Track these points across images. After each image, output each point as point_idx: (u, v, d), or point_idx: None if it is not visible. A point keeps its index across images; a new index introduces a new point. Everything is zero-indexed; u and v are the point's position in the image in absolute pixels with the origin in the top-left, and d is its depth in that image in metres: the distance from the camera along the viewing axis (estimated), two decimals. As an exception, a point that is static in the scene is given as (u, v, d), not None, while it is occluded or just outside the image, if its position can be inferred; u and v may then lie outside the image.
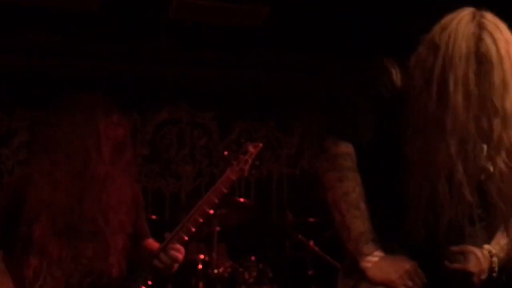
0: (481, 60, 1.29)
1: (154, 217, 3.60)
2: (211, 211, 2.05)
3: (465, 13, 1.36)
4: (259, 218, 3.90)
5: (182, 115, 4.92)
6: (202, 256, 3.45)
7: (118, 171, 1.94)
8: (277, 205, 4.90)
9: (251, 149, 2.23)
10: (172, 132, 4.89)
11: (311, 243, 3.75)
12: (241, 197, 4.68)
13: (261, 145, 2.30)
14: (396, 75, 1.43)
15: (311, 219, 3.90)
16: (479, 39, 1.30)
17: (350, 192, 1.38)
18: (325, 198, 1.42)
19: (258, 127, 5.05)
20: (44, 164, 1.90)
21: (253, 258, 3.51)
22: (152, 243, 2.11)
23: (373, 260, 1.33)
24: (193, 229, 2.00)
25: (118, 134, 1.97)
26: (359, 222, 1.35)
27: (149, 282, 1.95)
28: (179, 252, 1.97)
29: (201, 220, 2.02)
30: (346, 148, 1.42)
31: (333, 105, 1.56)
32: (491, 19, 1.35)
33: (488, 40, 1.30)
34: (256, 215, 3.83)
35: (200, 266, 3.40)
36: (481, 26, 1.32)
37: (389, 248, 1.38)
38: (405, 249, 1.39)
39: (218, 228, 3.48)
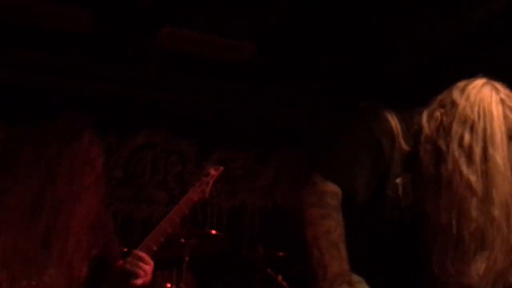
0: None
1: (125, 250, 3.55)
2: (172, 231, 2.08)
3: (488, 89, 1.43)
4: (230, 249, 3.87)
5: (158, 140, 4.89)
6: (169, 285, 3.40)
7: (84, 193, 1.94)
8: (248, 237, 4.88)
9: (212, 171, 2.31)
10: (147, 157, 4.85)
11: (280, 278, 3.73)
12: (212, 227, 4.66)
13: (222, 168, 2.38)
14: (396, 129, 1.46)
15: (281, 254, 3.89)
16: (507, 121, 1.40)
17: (332, 231, 1.38)
18: (304, 233, 1.41)
19: (235, 157, 5.06)
20: (4, 183, 1.88)
21: (221, 290, 3.47)
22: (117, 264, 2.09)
23: None
24: (155, 248, 2.01)
25: (90, 157, 1.97)
26: (337, 262, 1.35)
27: None
28: (147, 264, 1.96)
29: (163, 240, 2.04)
30: (334, 187, 1.43)
31: (319, 141, 1.58)
32: (507, 94, 1.45)
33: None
34: (227, 246, 3.80)
35: (167, 296, 3.34)
36: (503, 103, 1.42)
37: None
38: None
39: (187, 258, 3.44)
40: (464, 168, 1.36)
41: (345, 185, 1.44)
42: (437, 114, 1.43)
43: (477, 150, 1.36)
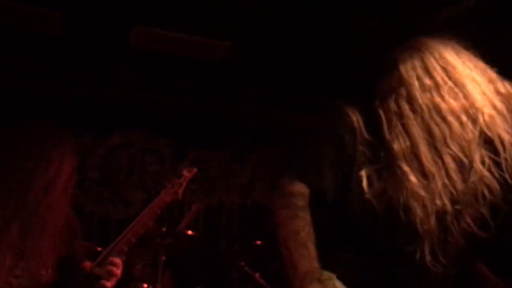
0: None
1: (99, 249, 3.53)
2: (144, 232, 2.08)
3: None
4: (207, 248, 3.87)
5: (134, 139, 4.87)
6: (145, 285, 3.38)
7: (53, 197, 1.93)
8: (226, 236, 4.89)
9: (185, 173, 2.32)
10: (123, 156, 4.82)
11: (257, 275, 3.75)
12: (189, 225, 4.65)
13: (195, 170, 2.39)
14: (358, 122, 1.49)
15: (259, 251, 3.91)
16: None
17: (300, 231, 1.41)
18: (275, 234, 1.45)
19: (212, 156, 5.06)
20: None
21: (198, 289, 3.47)
22: (89, 266, 2.09)
23: None
24: (126, 249, 2.01)
25: (60, 161, 1.96)
26: (306, 261, 1.38)
27: None
28: (116, 266, 1.96)
29: (134, 240, 2.04)
30: (301, 188, 1.46)
31: (295, 140, 1.60)
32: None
33: None
34: (204, 245, 3.80)
35: (143, 296, 3.33)
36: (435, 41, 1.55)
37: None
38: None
39: (163, 258, 3.43)
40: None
41: (312, 183, 1.47)
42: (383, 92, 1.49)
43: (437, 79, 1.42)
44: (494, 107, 1.43)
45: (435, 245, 1.39)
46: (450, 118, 1.41)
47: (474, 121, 1.41)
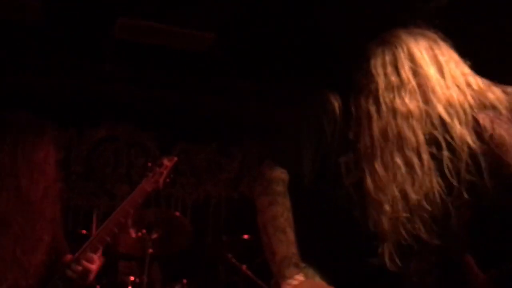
0: None
1: (84, 231, 3.51)
2: (125, 221, 2.08)
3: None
4: (194, 241, 3.86)
5: (120, 133, 4.84)
6: (132, 278, 3.37)
7: (39, 191, 1.92)
8: (213, 229, 4.89)
9: (166, 162, 2.33)
10: (109, 150, 4.79)
11: (244, 267, 3.76)
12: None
13: (175, 158, 2.40)
14: (339, 109, 1.49)
15: (246, 244, 3.91)
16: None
17: (278, 217, 1.42)
18: (256, 221, 1.46)
19: (198, 149, 5.05)
20: None
21: (185, 281, 3.47)
22: (70, 258, 2.08)
23: (293, 284, 1.37)
24: (108, 238, 2.02)
25: (49, 160, 1.95)
26: (284, 246, 1.39)
27: None
28: (91, 262, 1.96)
29: (116, 230, 2.05)
30: (281, 173, 1.46)
31: (274, 132, 1.61)
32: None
33: None
34: (191, 238, 3.80)
35: (129, 288, 3.32)
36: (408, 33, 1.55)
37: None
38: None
39: (150, 250, 3.42)
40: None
41: (292, 168, 1.47)
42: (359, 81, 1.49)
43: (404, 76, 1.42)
44: (462, 103, 1.42)
45: (390, 246, 1.39)
46: (405, 121, 1.40)
47: (429, 125, 1.40)
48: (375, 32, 1.57)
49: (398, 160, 1.38)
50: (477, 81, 1.47)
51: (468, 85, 1.45)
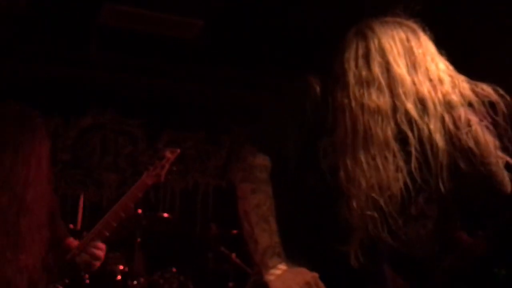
0: None
1: (72, 226, 3.48)
2: (125, 215, 2.05)
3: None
4: (182, 229, 3.87)
5: (107, 121, 4.79)
6: (121, 267, 3.36)
7: (35, 180, 1.89)
8: (201, 217, 4.88)
9: (168, 154, 2.27)
10: (96, 138, 4.75)
11: (233, 255, 3.76)
12: (165, 207, 4.63)
13: (178, 151, 2.34)
14: (321, 93, 1.46)
15: (234, 232, 3.92)
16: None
17: (261, 205, 1.39)
18: (237, 208, 1.42)
19: (186, 137, 5.02)
20: None
21: (174, 269, 3.47)
22: (73, 242, 2.07)
23: (276, 273, 1.35)
24: (107, 233, 2.00)
25: (38, 145, 1.92)
26: (266, 235, 1.37)
27: (67, 281, 1.91)
28: (100, 250, 1.96)
29: (115, 224, 2.03)
30: (263, 160, 1.43)
31: (257, 117, 1.58)
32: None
33: None
34: (179, 226, 3.79)
35: (119, 277, 3.31)
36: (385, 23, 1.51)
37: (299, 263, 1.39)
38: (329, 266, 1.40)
39: (139, 239, 3.42)
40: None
41: (274, 154, 1.44)
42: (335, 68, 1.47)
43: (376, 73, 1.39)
44: (433, 98, 1.39)
45: (356, 242, 1.38)
46: (373, 117, 1.38)
47: (398, 121, 1.38)
48: (358, 20, 1.54)
49: (366, 157, 1.37)
50: (453, 76, 1.44)
51: (441, 80, 1.41)
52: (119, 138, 4.81)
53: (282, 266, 1.36)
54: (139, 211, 3.39)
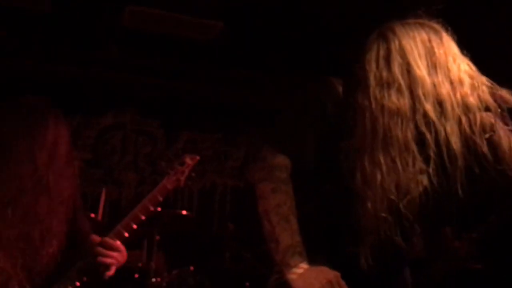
0: None
1: (93, 215, 3.54)
2: (145, 218, 2.08)
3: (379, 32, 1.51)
4: (200, 229, 3.90)
5: (127, 121, 4.86)
6: (140, 265, 3.41)
7: (56, 174, 1.93)
8: (219, 217, 4.91)
9: (188, 160, 2.30)
10: (116, 137, 4.82)
11: (249, 255, 3.79)
12: (183, 206, 4.67)
13: (198, 157, 2.37)
14: (342, 93, 1.48)
15: (251, 232, 3.93)
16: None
17: (282, 205, 1.40)
18: (257, 208, 1.43)
19: (205, 138, 5.06)
20: None
21: (191, 268, 3.50)
22: (96, 239, 2.09)
23: (298, 272, 1.36)
24: (126, 234, 2.01)
25: (61, 139, 1.96)
26: (287, 235, 1.38)
27: (84, 279, 1.94)
28: (120, 254, 1.96)
29: (135, 226, 2.04)
30: (283, 160, 1.44)
31: (276, 118, 1.59)
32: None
33: None
34: (197, 226, 3.83)
35: (137, 275, 3.35)
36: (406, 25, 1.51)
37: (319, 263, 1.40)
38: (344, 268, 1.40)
39: (157, 237, 3.46)
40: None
41: (295, 154, 1.45)
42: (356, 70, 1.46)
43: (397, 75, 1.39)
44: (452, 101, 1.37)
45: (368, 245, 1.37)
46: (392, 119, 1.37)
47: (417, 123, 1.37)
48: (379, 22, 1.54)
49: (385, 158, 1.36)
50: (474, 78, 1.42)
51: (461, 82, 1.40)
52: (139, 138, 4.87)
53: (304, 265, 1.37)
54: (159, 209, 3.42)
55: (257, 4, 3.69)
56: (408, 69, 1.40)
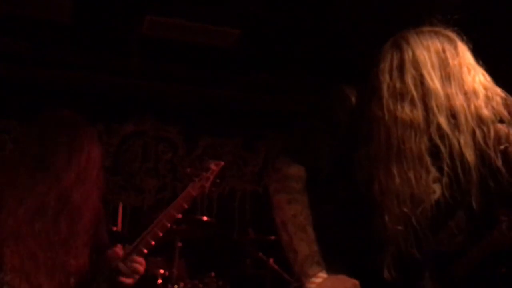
0: None
1: (114, 228, 3.58)
2: (171, 225, 2.08)
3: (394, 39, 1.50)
4: (220, 235, 3.91)
5: (147, 128, 4.91)
6: (162, 271, 3.43)
7: (88, 188, 1.95)
8: (239, 222, 4.93)
9: (213, 166, 2.26)
10: (137, 144, 4.87)
11: (271, 261, 3.78)
12: (203, 212, 4.69)
13: (222, 163, 2.32)
14: (356, 102, 1.47)
15: (272, 237, 3.94)
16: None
17: (298, 215, 1.41)
18: (274, 218, 1.45)
19: (224, 144, 5.09)
20: (18, 183, 1.88)
21: (213, 274, 3.51)
22: (114, 252, 2.11)
23: (317, 281, 1.37)
24: (153, 243, 2.01)
25: (89, 150, 1.98)
26: (305, 244, 1.39)
27: None
28: (140, 264, 1.97)
29: (161, 234, 2.03)
30: (298, 170, 1.44)
31: (291, 127, 1.59)
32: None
33: None
34: (217, 232, 3.84)
35: (159, 281, 3.38)
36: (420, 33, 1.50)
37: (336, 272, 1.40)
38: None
39: (180, 244, 3.48)
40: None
41: (310, 164, 1.45)
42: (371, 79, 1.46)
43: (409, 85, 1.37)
44: (466, 113, 1.36)
45: (389, 255, 1.37)
46: (406, 131, 1.36)
47: (431, 135, 1.36)
48: (394, 29, 1.53)
49: (399, 170, 1.35)
50: (488, 89, 1.40)
51: (476, 93, 1.38)
52: (159, 145, 4.92)
53: (323, 274, 1.38)
54: (179, 215, 3.44)
55: (274, 11, 3.71)
56: (421, 81, 1.39)
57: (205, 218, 3.75)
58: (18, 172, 1.90)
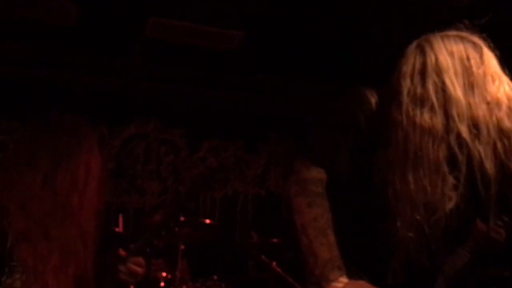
0: None
1: (117, 229, 3.57)
2: (176, 229, 2.08)
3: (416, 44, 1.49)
4: (223, 237, 3.90)
5: (150, 130, 4.91)
6: (164, 274, 3.42)
7: (83, 189, 1.94)
8: (241, 225, 4.92)
9: None
10: (139, 147, 4.86)
11: (274, 264, 3.77)
12: (206, 215, 4.69)
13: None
14: (376, 105, 1.45)
15: (275, 240, 3.93)
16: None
17: (318, 219, 1.39)
18: (293, 221, 1.43)
19: (226, 146, 5.08)
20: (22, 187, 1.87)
21: (215, 277, 3.51)
22: (116, 253, 2.10)
23: (338, 286, 1.35)
24: (155, 242, 2.02)
25: (88, 155, 1.96)
26: (325, 248, 1.37)
27: None
28: (138, 265, 1.96)
29: (164, 233, 2.04)
30: (318, 173, 1.43)
31: (308, 129, 1.57)
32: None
33: None
34: (220, 234, 3.83)
35: (162, 284, 3.37)
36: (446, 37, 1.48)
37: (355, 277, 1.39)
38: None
39: (182, 246, 3.48)
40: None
41: (330, 167, 1.44)
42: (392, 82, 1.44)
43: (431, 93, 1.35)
44: (488, 123, 1.34)
45: (398, 261, 1.36)
46: (425, 137, 1.34)
47: (450, 143, 1.34)
48: (415, 30, 1.51)
49: (415, 177, 1.34)
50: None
51: (499, 104, 1.35)
52: (162, 147, 4.92)
53: (343, 279, 1.36)
54: (182, 218, 3.44)
55: (277, 13, 3.71)
56: (443, 88, 1.37)
57: (207, 221, 3.75)
58: (19, 174, 1.89)
